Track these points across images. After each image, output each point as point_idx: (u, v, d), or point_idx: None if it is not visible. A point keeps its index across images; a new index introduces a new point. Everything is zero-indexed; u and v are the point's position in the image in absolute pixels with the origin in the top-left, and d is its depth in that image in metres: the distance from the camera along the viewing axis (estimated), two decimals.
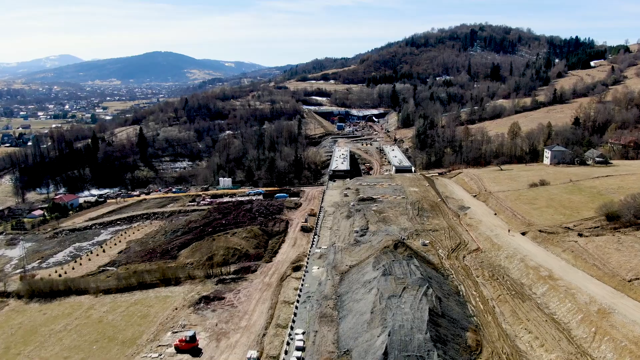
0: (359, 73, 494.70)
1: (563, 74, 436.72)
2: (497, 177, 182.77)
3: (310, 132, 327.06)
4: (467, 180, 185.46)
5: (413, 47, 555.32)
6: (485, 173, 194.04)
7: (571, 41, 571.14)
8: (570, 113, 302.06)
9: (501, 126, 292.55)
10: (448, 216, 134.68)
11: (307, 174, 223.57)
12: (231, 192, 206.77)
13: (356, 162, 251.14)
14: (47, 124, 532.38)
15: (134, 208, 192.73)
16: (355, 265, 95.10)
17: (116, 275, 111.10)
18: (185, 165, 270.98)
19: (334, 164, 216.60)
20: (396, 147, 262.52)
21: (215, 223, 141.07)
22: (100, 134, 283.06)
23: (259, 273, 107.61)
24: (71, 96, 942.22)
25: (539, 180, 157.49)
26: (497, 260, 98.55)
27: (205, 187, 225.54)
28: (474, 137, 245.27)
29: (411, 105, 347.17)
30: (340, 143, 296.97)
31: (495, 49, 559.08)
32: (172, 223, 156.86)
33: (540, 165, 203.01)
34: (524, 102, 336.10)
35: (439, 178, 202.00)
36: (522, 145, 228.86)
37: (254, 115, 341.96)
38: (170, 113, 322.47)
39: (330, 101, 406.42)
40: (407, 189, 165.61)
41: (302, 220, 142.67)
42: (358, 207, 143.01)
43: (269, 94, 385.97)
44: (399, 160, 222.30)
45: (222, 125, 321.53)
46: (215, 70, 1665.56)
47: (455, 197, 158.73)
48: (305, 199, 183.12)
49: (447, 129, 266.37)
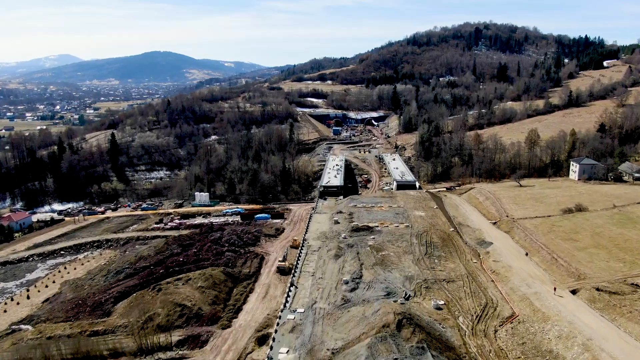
0: (357, 73, 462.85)
1: (574, 74, 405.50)
2: (518, 196, 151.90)
3: (303, 137, 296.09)
4: (481, 200, 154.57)
5: (415, 46, 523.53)
6: (502, 190, 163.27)
7: (580, 40, 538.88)
8: (589, 118, 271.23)
9: (513, 132, 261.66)
10: (465, 256, 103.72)
11: (295, 189, 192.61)
12: (207, 210, 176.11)
13: (352, 173, 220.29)
14: (32, 126, 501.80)
15: (91, 230, 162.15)
16: (340, 351, 64.32)
17: (17, 348, 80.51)
18: (162, 175, 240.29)
19: (326, 178, 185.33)
20: (397, 156, 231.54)
21: (170, 261, 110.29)
22: (69, 140, 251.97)
23: (209, 348, 76.92)
24: (65, 96, 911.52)
25: (573, 205, 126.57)
26: (544, 341, 67.62)
27: (179, 202, 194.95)
28: (486, 145, 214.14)
29: (413, 107, 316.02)
30: (336, 150, 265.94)
31: (501, 48, 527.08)
32: (123, 256, 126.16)
33: (567, 180, 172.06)
34: (537, 104, 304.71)
35: (447, 195, 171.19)
36: (542, 156, 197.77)
37: (243, 118, 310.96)
38: (150, 116, 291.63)
39: (326, 103, 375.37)
40: (411, 213, 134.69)
41: (280, 258, 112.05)
42: (350, 240, 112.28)
43: (260, 95, 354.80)
44: (400, 173, 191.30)
45: (207, 129, 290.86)
46: (215, 70, 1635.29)
47: (470, 225, 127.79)
48: (291, 221, 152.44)
49: (455, 136, 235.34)
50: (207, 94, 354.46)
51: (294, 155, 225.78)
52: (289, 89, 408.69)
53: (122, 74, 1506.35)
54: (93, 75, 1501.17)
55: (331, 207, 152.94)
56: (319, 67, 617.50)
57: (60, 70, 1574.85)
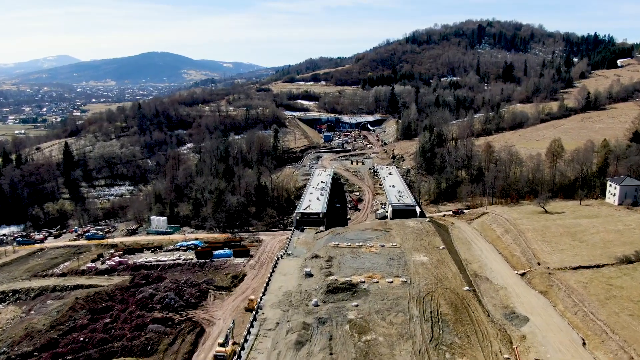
0: (353, 73, 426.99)
1: (587, 74, 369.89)
2: (546, 228, 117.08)
3: (290, 144, 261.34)
4: (499, 233, 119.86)
5: (414, 44, 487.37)
6: (524, 217, 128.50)
7: (589, 38, 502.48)
8: (612, 123, 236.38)
9: (527, 139, 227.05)
10: (490, 343, 68.87)
11: (271, 212, 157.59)
12: (159, 242, 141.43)
13: (342, 189, 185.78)
14: (11, 129, 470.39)
15: (11, 270, 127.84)
16: None
17: None
18: (124, 190, 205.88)
19: (306, 201, 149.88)
20: (394, 169, 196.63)
21: (64, 343, 75.80)
22: (17, 150, 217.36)
23: None
24: (57, 98, 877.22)
25: (632, 252, 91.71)
26: None
27: (132, 229, 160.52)
28: (498, 156, 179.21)
29: (413, 111, 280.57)
30: (325, 160, 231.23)
31: (505, 47, 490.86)
32: (13, 326, 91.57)
33: (603, 205, 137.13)
34: (550, 107, 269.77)
35: (454, 223, 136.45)
36: (567, 171, 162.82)
37: (223, 123, 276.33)
38: (119, 122, 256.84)
39: (318, 106, 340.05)
40: (410, 258, 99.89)
41: (223, 336, 77.32)
42: (324, 310, 77.76)
43: (246, 98, 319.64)
44: (397, 193, 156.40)
45: (182, 136, 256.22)
46: (213, 71, 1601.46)
47: (491, 279, 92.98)
48: (257, 260, 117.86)
49: (461, 145, 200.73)
50: (186, 97, 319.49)
51: (272, 169, 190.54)
52: (279, 90, 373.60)
53: (119, 75, 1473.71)
54: (90, 76, 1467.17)
55: (308, 244, 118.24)
56: (315, 67, 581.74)
57: (56, 71, 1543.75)
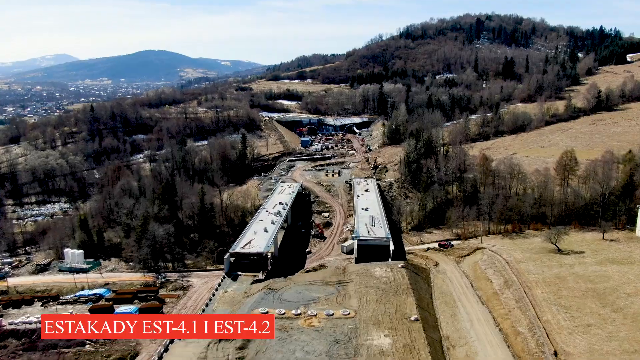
0: (342, 70, 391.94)
1: (593, 70, 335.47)
2: (561, 280, 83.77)
3: (262, 150, 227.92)
4: (497, 286, 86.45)
5: (408, 39, 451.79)
6: (530, 260, 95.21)
7: (594, 32, 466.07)
8: (629, 126, 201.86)
9: (530, 146, 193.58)
10: None
11: (211, 245, 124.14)
12: (59, 289, 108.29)
13: (309, 208, 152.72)
14: None
15: None
16: None
17: None
18: (57, 209, 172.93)
19: (250, 232, 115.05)
20: (372, 184, 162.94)
21: None
22: None
23: None
24: (47, 97, 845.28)
25: None
26: None
27: (42, 264, 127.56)
28: (497, 170, 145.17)
29: (402, 112, 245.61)
30: (297, 171, 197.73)
31: (505, 42, 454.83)
32: None
33: (633, 240, 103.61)
34: (556, 107, 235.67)
35: (439, 265, 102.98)
36: (582, 190, 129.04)
37: (189, 127, 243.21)
38: (66, 127, 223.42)
39: (300, 106, 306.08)
40: (364, 344, 66.12)
41: None
42: None
43: (220, 98, 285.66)
44: (370, 220, 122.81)
45: (139, 142, 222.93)
46: (211, 69, 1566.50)
47: None
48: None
49: (453, 155, 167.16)
50: (153, 97, 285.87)
51: (225, 184, 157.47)
52: (260, 89, 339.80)
53: (115, 74, 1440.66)
54: (86, 75, 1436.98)
55: (234, 303, 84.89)
56: (306, 64, 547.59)
57: (52, 70, 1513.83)
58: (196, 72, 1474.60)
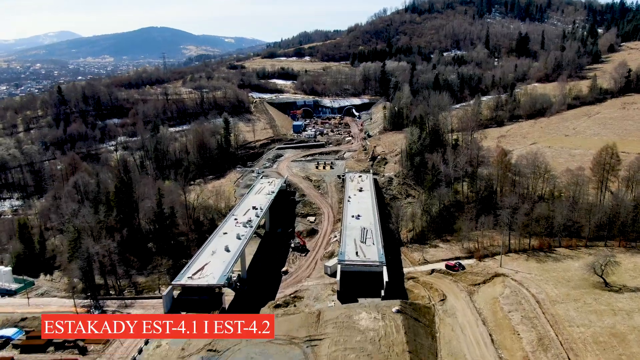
0: (342, 47, 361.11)
1: (616, 46, 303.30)
2: (617, 336, 58.65)
3: (249, 136, 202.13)
4: (526, 344, 61.75)
5: (414, 13, 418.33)
6: (569, 298, 70.12)
7: (615, 6, 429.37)
8: None
9: (551, 134, 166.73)
10: None
11: (165, 263, 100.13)
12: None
13: (292, 209, 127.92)
14: None
15: None
16: None
17: None
18: (7, 207, 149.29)
19: (204, 255, 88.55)
20: (368, 181, 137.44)
21: None
22: None
23: None
24: (45, 75, 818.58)
25: None
26: None
27: None
28: (517, 169, 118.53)
29: (406, 93, 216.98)
30: (284, 162, 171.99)
31: (519, 16, 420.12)
32: None
33: None
34: (579, 88, 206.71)
35: (447, 299, 78.17)
36: (627, 194, 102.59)
37: (169, 110, 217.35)
38: (29, 111, 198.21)
39: (295, 86, 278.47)
40: None
41: None
42: None
43: (206, 77, 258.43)
44: (360, 234, 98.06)
45: (111, 128, 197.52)
46: (214, 46, 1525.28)
47: None
48: None
49: (464, 146, 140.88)
50: (133, 76, 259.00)
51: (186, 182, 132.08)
52: (254, 67, 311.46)
53: (117, 51, 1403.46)
54: (87, 52, 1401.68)
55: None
56: (308, 40, 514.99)
57: (54, 47, 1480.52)
58: (199, 50, 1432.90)
